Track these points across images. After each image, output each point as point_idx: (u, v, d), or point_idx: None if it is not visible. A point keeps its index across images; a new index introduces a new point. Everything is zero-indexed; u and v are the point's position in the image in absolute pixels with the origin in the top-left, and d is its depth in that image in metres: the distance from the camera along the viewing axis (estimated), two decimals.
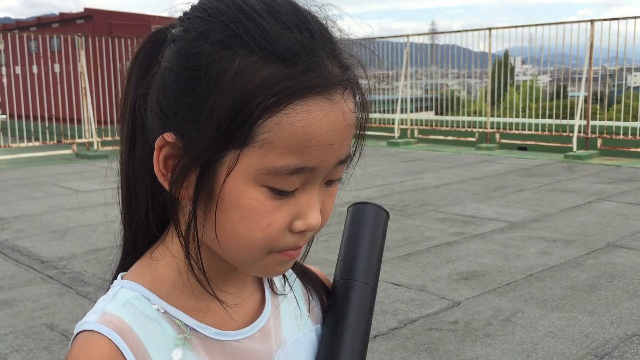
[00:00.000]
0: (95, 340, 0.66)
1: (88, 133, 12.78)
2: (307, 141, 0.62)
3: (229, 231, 0.66)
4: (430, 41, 16.93)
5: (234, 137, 0.62)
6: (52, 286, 4.59)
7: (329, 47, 0.65)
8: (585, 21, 11.53)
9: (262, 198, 0.64)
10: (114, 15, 17.99)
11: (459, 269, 4.76)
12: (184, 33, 0.65)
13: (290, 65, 0.61)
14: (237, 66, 0.61)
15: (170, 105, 0.65)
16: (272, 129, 0.61)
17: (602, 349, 3.36)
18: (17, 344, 3.61)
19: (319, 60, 0.63)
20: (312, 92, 0.62)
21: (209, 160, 0.63)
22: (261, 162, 0.62)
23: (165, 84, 0.66)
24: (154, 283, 0.72)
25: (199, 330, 0.72)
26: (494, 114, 13.48)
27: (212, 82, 0.62)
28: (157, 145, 0.66)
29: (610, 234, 5.69)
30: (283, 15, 0.63)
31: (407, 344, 3.49)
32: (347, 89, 0.65)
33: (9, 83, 13.56)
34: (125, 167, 0.73)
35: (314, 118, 0.62)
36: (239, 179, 0.63)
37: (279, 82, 0.61)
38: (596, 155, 11.10)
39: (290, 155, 0.62)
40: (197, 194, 0.65)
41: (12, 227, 6.47)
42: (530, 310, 3.92)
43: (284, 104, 0.61)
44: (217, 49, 0.62)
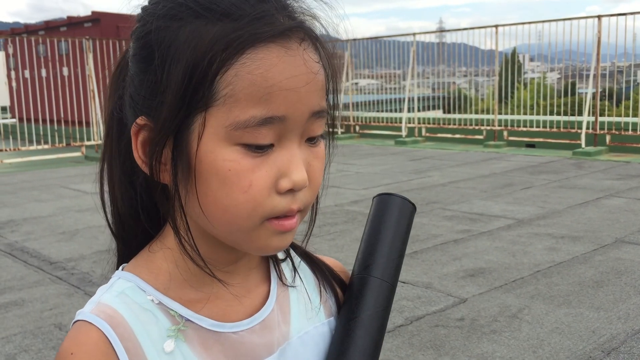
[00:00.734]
0: (85, 329, 0.67)
1: (97, 135, 12.86)
2: (268, 87, 0.61)
3: (212, 201, 0.64)
4: (437, 40, 16.91)
5: (195, 99, 0.62)
6: (60, 287, 4.63)
7: (279, 4, 0.65)
8: (592, 17, 11.48)
9: (237, 157, 0.63)
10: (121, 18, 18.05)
11: (465, 266, 4.75)
12: (138, 24, 0.68)
13: (237, 18, 0.62)
14: (186, 32, 0.62)
15: (137, 90, 0.67)
16: (230, 82, 0.61)
17: (609, 344, 3.35)
18: (25, 344, 3.64)
19: (266, 11, 0.63)
20: (264, 40, 0.62)
21: (179, 131, 0.63)
22: (227, 118, 0.62)
23: (132, 74, 0.68)
24: (151, 274, 0.73)
25: (195, 322, 0.71)
26: (501, 112, 13.44)
27: (164, 53, 0.63)
28: (132, 132, 0.67)
29: (619, 230, 5.66)
30: None
31: (413, 341, 3.49)
32: (304, 39, 0.64)
33: (18, 87, 13.67)
34: (110, 171, 0.75)
35: (271, 64, 0.61)
36: (210, 142, 0.63)
37: (227, 35, 0.61)
38: (605, 151, 11.04)
39: (254, 105, 0.61)
40: (175, 170, 0.65)
41: (21, 229, 6.52)
42: (537, 306, 3.91)
43: (236, 54, 0.61)
44: (166, 21, 0.64)
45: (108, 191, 0.76)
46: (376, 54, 16.48)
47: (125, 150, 0.71)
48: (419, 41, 14.93)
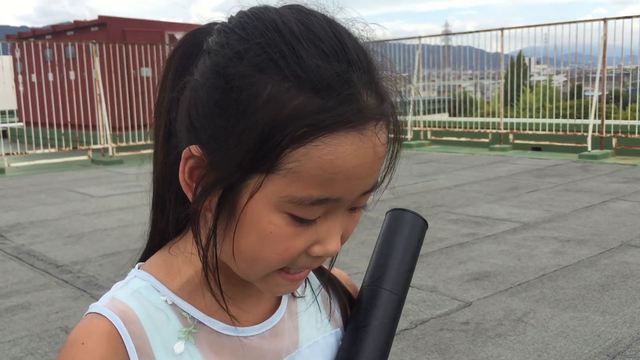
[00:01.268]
0: (97, 320, 0.68)
1: (103, 139, 12.91)
2: (333, 174, 0.61)
3: (243, 250, 0.66)
4: (443, 43, 16.91)
5: (260, 163, 0.61)
6: (67, 290, 4.65)
7: (366, 77, 0.63)
8: (598, 20, 11.46)
9: (281, 224, 0.64)
10: (128, 23, 18.15)
11: (470, 270, 4.74)
12: (220, 48, 0.64)
13: (325, 96, 0.60)
14: (269, 92, 0.60)
15: (199, 120, 0.65)
16: (298, 159, 0.60)
17: (614, 348, 3.34)
18: (32, 347, 3.66)
19: (354, 92, 0.61)
20: (344, 127, 0.61)
21: (233, 182, 0.64)
22: (285, 190, 0.62)
23: (196, 98, 0.65)
24: (168, 276, 0.73)
25: (207, 324, 0.72)
26: (507, 115, 13.41)
27: (243, 105, 0.61)
28: (184, 156, 0.66)
29: (625, 234, 5.65)
30: (322, 41, 0.62)
31: (417, 345, 3.49)
32: (379, 121, 0.64)
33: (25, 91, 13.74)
34: (158, 168, 0.74)
35: (343, 152, 0.61)
36: (260, 202, 0.63)
37: (310, 114, 0.60)
38: (611, 154, 11.01)
39: (314, 186, 0.61)
40: (218, 211, 0.65)
41: (28, 233, 6.55)
42: (542, 310, 3.90)
43: (313, 136, 0.60)
44: (252, 71, 0.61)
45: (153, 189, 0.77)
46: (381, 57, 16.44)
47: (173, 158, 0.70)
48: (424, 44, 14.94)
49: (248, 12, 0.65)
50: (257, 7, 0.66)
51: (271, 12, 0.64)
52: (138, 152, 13.34)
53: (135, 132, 13.78)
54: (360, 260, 4.91)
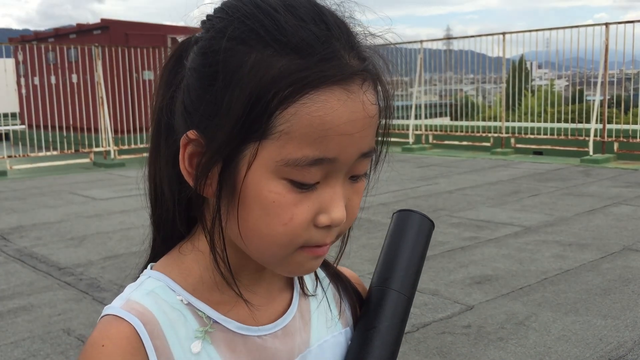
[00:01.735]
0: (117, 323, 0.68)
1: (105, 142, 12.93)
2: (324, 131, 0.62)
3: (251, 226, 0.66)
4: (445, 47, 16.93)
5: (252, 130, 0.62)
6: (69, 292, 4.66)
7: (346, 39, 0.64)
8: (599, 24, 11.47)
9: (282, 191, 0.64)
10: (130, 26, 18.20)
11: (472, 274, 4.75)
12: (204, 33, 0.67)
13: (306, 56, 0.62)
14: (253, 60, 0.62)
15: (192, 104, 0.66)
16: (288, 119, 0.61)
17: (616, 352, 3.34)
18: (34, 348, 3.66)
19: (335, 51, 0.63)
20: (328, 82, 0.62)
21: (230, 155, 0.64)
22: (280, 153, 0.63)
23: (188, 84, 0.67)
24: (181, 275, 0.73)
25: (222, 324, 0.73)
26: (509, 119, 13.42)
27: (228, 76, 0.63)
28: (182, 143, 0.67)
29: (627, 238, 5.65)
30: (298, 9, 0.64)
31: (419, 348, 3.49)
32: (366, 80, 0.65)
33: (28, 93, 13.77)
34: (152, 168, 0.75)
35: (331, 108, 0.62)
36: (259, 172, 0.64)
37: (294, 73, 0.61)
38: (613, 159, 11.01)
39: (308, 145, 0.62)
40: (219, 189, 0.66)
41: (30, 235, 6.56)
42: (544, 314, 3.90)
43: (299, 94, 0.61)
44: (234, 44, 0.63)
45: (149, 188, 0.78)
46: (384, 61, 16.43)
47: (173, 154, 0.71)
48: (426, 48, 14.96)
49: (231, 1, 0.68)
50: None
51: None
52: (140, 155, 13.34)
53: (137, 135, 13.81)
54: (362, 263, 4.92)
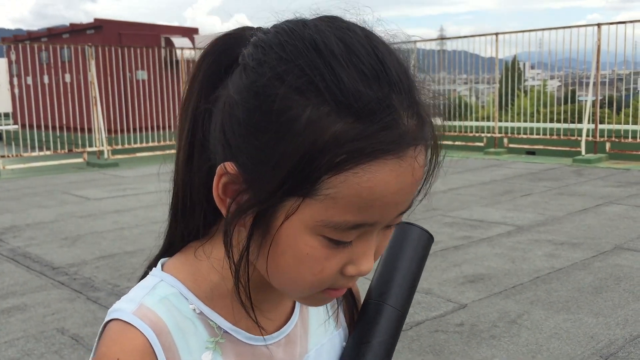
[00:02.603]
0: (130, 333, 0.67)
1: (98, 142, 12.91)
2: (371, 201, 0.61)
3: (280, 268, 0.66)
4: (439, 47, 16.98)
5: (297, 187, 0.61)
6: (62, 292, 4.66)
7: (407, 99, 0.62)
8: (592, 25, 11.54)
9: (317, 245, 0.64)
10: (124, 26, 18.16)
11: (465, 272, 4.78)
12: (257, 66, 0.63)
13: (365, 122, 0.59)
14: (308, 116, 0.59)
15: (235, 139, 0.64)
16: (336, 185, 0.60)
17: (607, 350, 3.38)
18: (28, 348, 3.67)
19: (395, 117, 0.60)
20: (384, 154, 0.60)
21: (270, 204, 0.63)
22: (321, 214, 0.61)
23: (232, 115, 0.64)
24: (195, 282, 0.72)
25: (232, 334, 0.73)
26: (501, 119, 13.48)
27: (282, 129, 0.60)
28: (219, 172, 0.65)
29: (618, 237, 5.69)
30: (362, 61, 0.60)
31: (412, 346, 3.51)
32: (418, 145, 0.63)
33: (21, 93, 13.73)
34: (182, 174, 0.72)
35: (382, 179, 0.60)
36: (296, 225, 0.63)
37: (350, 141, 0.59)
38: (605, 158, 11.08)
39: (351, 212, 0.61)
40: (252, 230, 0.65)
41: (23, 235, 6.55)
42: (536, 312, 3.94)
43: (352, 163, 0.59)
44: (291, 94, 0.60)
45: (174, 186, 0.74)
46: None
47: (207, 169, 0.69)
48: (419, 49, 15.00)
49: (285, 28, 0.64)
50: (294, 22, 0.65)
51: (309, 29, 0.63)
52: (133, 155, 13.35)
53: (130, 134, 13.79)
54: None
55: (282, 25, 0.65)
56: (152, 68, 14.48)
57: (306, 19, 0.65)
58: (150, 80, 14.51)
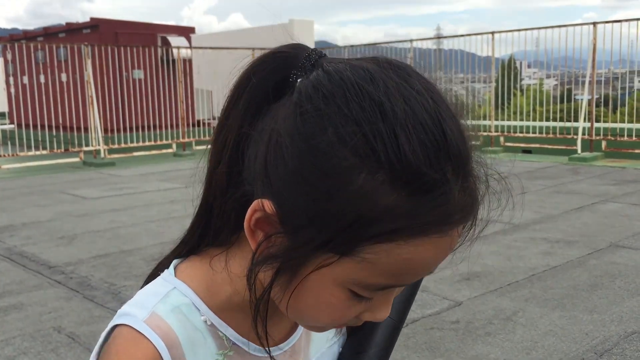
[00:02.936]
0: (142, 344, 0.66)
1: (95, 141, 12.89)
2: (406, 269, 0.61)
3: (299, 310, 0.67)
4: (435, 46, 17.00)
5: (337, 246, 0.60)
6: (59, 290, 4.66)
7: (463, 174, 0.60)
8: (587, 24, 11.56)
9: (342, 297, 0.64)
10: (120, 25, 18.14)
11: (461, 270, 4.79)
12: (317, 116, 0.59)
13: (418, 198, 0.58)
14: (362, 181, 0.57)
15: (279, 181, 0.61)
16: (377, 252, 0.59)
17: (602, 347, 3.39)
18: (25, 346, 3.67)
19: (449, 196, 0.59)
20: (430, 233, 0.60)
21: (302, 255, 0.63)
22: (355, 274, 0.61)
23: (279, 156, 0.61)
24: (208, 292, 0.72)
25: (241, 346, 0.73)
26: (498, 118, 13.51)
27: (334, 189, 0.58)
28: (255, 206, 0.63)
29: (613, 235, 5.71)
30: (425, 130, 0.58)
31: (408, 343, 3.53)
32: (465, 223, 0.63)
33: (17, 93, 13.71)
34: (216, 194, 0.70)
35: (422, 253, 0.60)
36: (325, 276, 0.62)
37: (400, 217, 0.58)
38: (601, 157, 11.11)
39: (385, 277, 0.62)
40: (278, 273, 0.64)
41: (20, 234, 6.55)
42: (531, 309, 3.95)
43: (398, 237, 0.59)
44: (351, 157, 0.58)
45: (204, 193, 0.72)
46: None
47: (241, 194, 0.67)
48: (416, 48, 15.02)
49: (352, 78, 0.60)
50: (359, 69, 0.61)
51: (377, 87, 0.60)
52: (130, 155, 13.34)
53: (127, 134, 13.78)
54: None
55: (346, 69, 0.62)
56: (148, 67, 14.48)
57: (371, 64, 0.62)
58: (147, 79, 14.51)
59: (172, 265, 0.74)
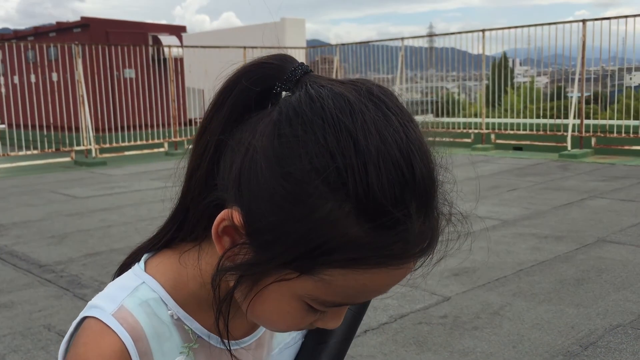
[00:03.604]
0: (109, 337, 0.69)
1: (86, 140, 12.86)
2: (361, 293, 0.65)
3: (257, 314, 0.70)
4: (428, 44, 17.05)
5: (298, 265, 0.63)
6: (49, 289, 4.67)
7: (425, 210, 0.63)
8: (577, 21, 11.63)
9: (298, 308, 0.67)
10: (111, 24, 18.09)
11: (450, 266, 4.82)
12: (294, 141, 0.61)
13: (380, 233, 0.60)
14: (329, 210, 0.60)
15: (250, 196, 0.63)
16: (335, 275, 0.62)
17: (587, 339, 3.43)
18: (15, 344, 3.68)
19: (410, 231, 0.61)
20: (389, 266, 0.62)
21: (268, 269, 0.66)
22: (312, 291, 0.65)
23: (252, 172, 0.63)
24: (175, 287, 0.75)
25: (206, 339, 0.76)
26: (489, 115, 13.57)
27: (302, 213, 0.60)
28: (224, 215, 0.65)
29: (601, 230, 5.76)
30: (394, 165, 0.60)
31: (396, 338, 3.56)
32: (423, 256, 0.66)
33: (7, 92, 13.66)
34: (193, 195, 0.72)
35: (377, 280, 0.63)
36: (284, 288, 0.65)
37: (361, 248, 0.60)
38: (590, 153, 11.18)
39: (340, 297, 0.65)
40: (239, 281, 0.67)
41: (10, 233, 6.54)
42: (518, 303, 3.99)
43: (357, 266, 0.62)
44: (320, 185, 0.60)
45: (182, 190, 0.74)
46: (365, 58, 16.60)
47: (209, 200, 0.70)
48: (408, 46, 15.06)
49: (332, 108, 0.62)
50: (341, 100, 0.62)
51: (356, 120, 0.61)
52: (121, 154, 13.32)
53: (118, 133, 13.75)
54: None
55: (329, 96, 0.63)
56: (139, 66, 14.45)
57: (353, 94, 0.63)
58: (138, 78, 14.48)
59: (142, 260, 0.77)
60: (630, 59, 12.70)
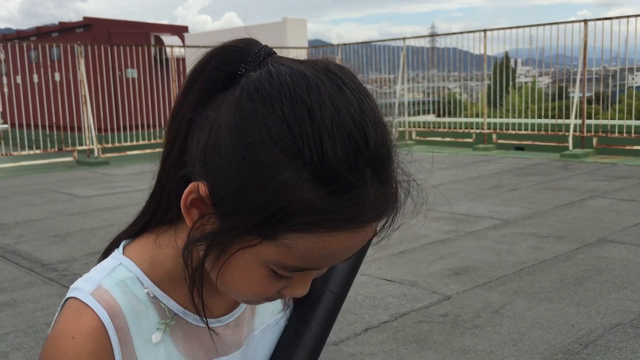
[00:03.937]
0: (87, 316, 0.73)
1: (88, 140, 12.90)
2: (321, 256, 0.67)
3: (226, 283, 0.73)
4: (430, 44, 17.06)
5: (260, 230, 0.66)
6: (52, 288, 4.69)
7: (380, 176, 0.66)
8: (578, 21, 11.63)
9: (264, 274, 0.70)
10: (113, 24, 18.13)
11: (450, 265, 4.84)
12: (254, 114, 0.65)
13: (335, 197, 0.63)
14: (287, 177, 0.63)
15: (214, 168, 0.67)
16: (294, 239, 0.65)
17: (587, 338, 3.45)
18: (18, 342, 3.70)
19: (364, 196, 0.64)
20: (345, 229, 0.65)
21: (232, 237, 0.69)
22: (274, 256, 0.67)
23: (216, 146, 0.67)
24: (151, 267, 0.78)
25: (182, 317, 0.79)
26: (491, 115, 13.57)
27: (261, 181, 0.63)
28: (191, 188, 0.69)
29: (602, 229, 5.78)
30: (348, 135, 0.63)
31: (397, 336, 3.57)
32: (380, 220, 0.68)
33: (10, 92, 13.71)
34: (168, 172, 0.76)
35: (336, 243, 0.66)
36: (249, 255, 0.69)
37: (318, 212, 0.63)
38: (592, 153, 11.19)
39: (301, 261, 0.68)
40: (207, 251, 0.70)
41: (13, 233, 6.57)
42: (518, 302, 4.01)
43: (315, 229, 0.64)
44: (278, 153, 0.63)
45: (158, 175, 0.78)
46: (367, 58, 16.62)
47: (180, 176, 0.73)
48: (410, 46, 15.07)
49: (289, 82, 0.65)
50: (299, 76, 0.66)
51: (312, 93, 0.64)
52: (123, 154, 13.35)
53: (120, 133, 13.79)
54: None
55: (287, 72, 0.66)
56: (141, 66, 14.48)
57: (311, 71, 0.67)
58: (140, 78, 14.51)
59: (121, 245, 0.81)
60: (632, 59, 12.70)
